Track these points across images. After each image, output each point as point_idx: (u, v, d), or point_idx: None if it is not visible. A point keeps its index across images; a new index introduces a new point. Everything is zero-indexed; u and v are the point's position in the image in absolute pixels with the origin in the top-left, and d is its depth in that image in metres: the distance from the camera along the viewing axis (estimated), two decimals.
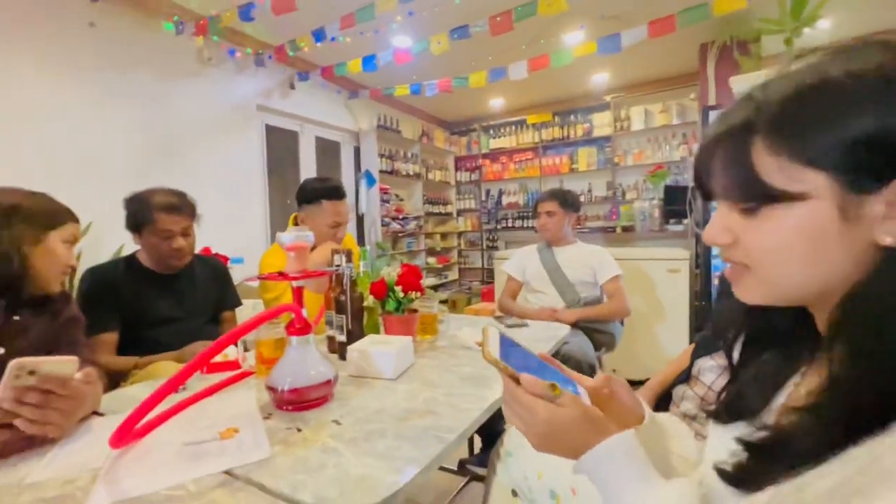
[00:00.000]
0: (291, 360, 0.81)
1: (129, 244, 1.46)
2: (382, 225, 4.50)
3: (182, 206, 1.36)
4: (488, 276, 5.56)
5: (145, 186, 1.41)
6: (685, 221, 2.89)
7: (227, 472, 0.60)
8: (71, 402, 0.71)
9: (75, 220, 1.05)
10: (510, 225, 5.55)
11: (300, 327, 0.82)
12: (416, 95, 3.79)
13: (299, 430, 0.73)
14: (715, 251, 2.57)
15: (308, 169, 4.07)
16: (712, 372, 0.92)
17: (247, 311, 1.73)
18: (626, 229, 3.17)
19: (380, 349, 0.97)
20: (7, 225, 0.91)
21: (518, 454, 0.71)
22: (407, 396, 0.87)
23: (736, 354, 0.49)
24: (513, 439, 0.76)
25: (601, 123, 4.98)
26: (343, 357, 1.06)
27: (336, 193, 1.61)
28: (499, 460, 0.76)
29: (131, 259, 1.41)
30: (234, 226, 3.19)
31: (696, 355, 1.00)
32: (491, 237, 5.72)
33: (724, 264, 0.43)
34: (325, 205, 1.59)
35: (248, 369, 1.02)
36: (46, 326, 0.99)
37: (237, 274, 2.19)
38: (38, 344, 0.96)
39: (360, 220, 4.41)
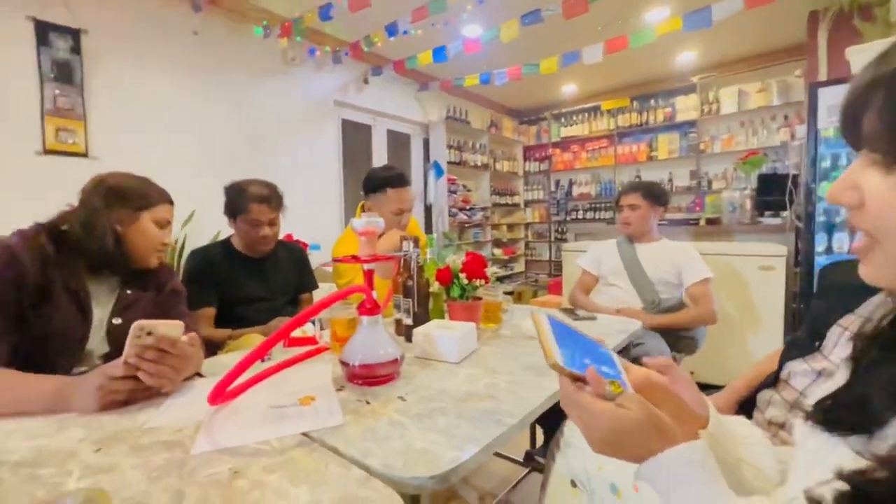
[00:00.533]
0: (362, 339, 0.87)
1: (225, 230, 1.63)
2: (449, 215, 4.56)
3: (271, 199, 1.50)
4: (556, 268, 5.42)
5: (242, 177, 1.56)
6: (783, 214, 2.59)
7: (305, 434, 0.66)
8: (180, 361, 0.82)
9: (168, 201, 1.13)
10: (580, 217, 5.36)
11: (370, 307, 0.87)
12: (486, 85, 3.76)
13: (368, 403, 0.78)
14: (820, 246, 2.28)
15: (380, 161, 4.23)
16: (805, 376, 0.82)
17: (322, 294, 1.86)
18: (710, 222, 2.92)
19: (443, 333, 1.00)
20: (107, 206, 1.02)
21: (578, 444, 0.70)
22: (468, 380, 0.89)
23: (839, 352, 0.42)
24: (573, 430, 0.75)
25: (685, 107, 4.61)
26: (409, 339, 1.11)
27: (399, 181, 1.67)
28: (558, 450, 0.75)
29: (226, 243, 1.58)
30: (313, 215, 3.42)
31: (785, 358, 0.91)
32: (560, 229, 5.56)
33: (829, 259, 0.37)
34: (389, 192, 1.66)
35: (323, 345, 1.11)
36: (153, 299, 1.12)
37: (315, 260, 2.35)
38: (146, 314, 1.07)
39: (427, 210, 4.51)
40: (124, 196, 1.05)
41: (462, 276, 1.18)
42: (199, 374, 0.94)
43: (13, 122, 2.22)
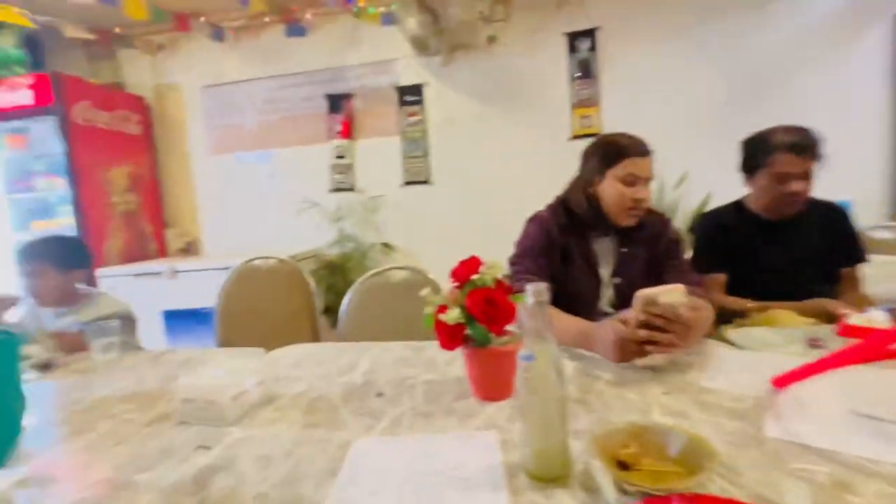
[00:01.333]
0: None
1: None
2: None
3: (803, 146, 1.22)
4: None
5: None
6: None
7: None
8: (683, 329, 0.78)
9: (638, 154, 1.03)
10: None
11: None
12: None
13: None
14: None
15: None
16: None
17: (873, 269, 1.37)
18: None
19: None
20: (584, 169, 1.07)
21: None
22: None
23: None
24: None
25: None
26: None
27: None
28: None
29: (740, 203, 1.43)
30: (842, 162, 2.59)
31: None
32: None
33: None
34: None
35: None
36: (648, 253, 1.12)
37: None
38: (644, 270, 1.09)
39: None
40: (594, 156, 1.08)
41: None
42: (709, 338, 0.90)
43: (553, 116, 2.97)
